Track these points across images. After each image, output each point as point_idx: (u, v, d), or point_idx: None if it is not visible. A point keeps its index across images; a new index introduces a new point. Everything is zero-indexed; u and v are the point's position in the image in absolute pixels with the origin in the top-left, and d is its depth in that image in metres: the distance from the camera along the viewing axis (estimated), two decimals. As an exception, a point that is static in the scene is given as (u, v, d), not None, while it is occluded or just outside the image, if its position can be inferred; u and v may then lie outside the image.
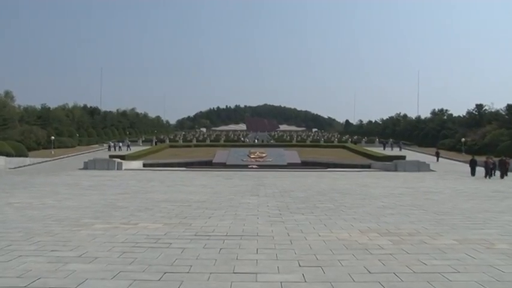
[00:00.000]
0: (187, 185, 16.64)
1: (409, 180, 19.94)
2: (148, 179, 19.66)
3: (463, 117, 67.19)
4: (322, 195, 13.06)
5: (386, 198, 12.30)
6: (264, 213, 9.25)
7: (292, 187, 16.02)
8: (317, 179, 20.87)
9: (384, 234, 6.92)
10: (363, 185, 16.97)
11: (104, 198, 11.89)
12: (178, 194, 13.17)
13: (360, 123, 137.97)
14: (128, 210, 9.61)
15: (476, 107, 64.04)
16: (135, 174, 23.76)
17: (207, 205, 10.59)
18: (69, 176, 20.94)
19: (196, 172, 26.51)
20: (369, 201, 11.57)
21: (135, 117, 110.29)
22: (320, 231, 7.16)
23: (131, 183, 17.25)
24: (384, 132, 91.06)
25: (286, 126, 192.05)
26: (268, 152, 39.38)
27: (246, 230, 7.29)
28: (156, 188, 15.44)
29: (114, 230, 7.11)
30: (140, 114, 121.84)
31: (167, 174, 24.12)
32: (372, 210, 9.88)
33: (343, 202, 11.36)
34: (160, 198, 12.11)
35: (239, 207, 10.21)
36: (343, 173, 26.48)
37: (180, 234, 6.84)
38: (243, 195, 13.16)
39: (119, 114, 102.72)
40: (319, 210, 9.84)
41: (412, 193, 13.90)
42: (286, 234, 6.96)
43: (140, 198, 11.93)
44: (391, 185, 17.10)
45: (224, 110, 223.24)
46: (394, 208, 10.21)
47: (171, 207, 10.18)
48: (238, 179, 20.58)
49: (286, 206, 10.48)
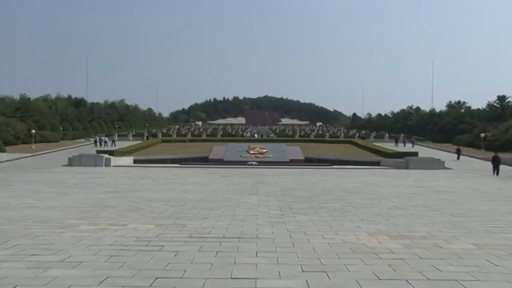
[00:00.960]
0: (182, 183, 16.62)
1: (422, 178, 19.93)
2: (139, 177, 19.65)
3: (482, 110, 66.88)
4: (327, 195, 13.05)
5: (397, 198, 12.29)
6: (264, 214, 9.24)
7: (295, 185, 16.01)
8: (322, 176, 20.86)
9: (394, 237, 6.91)
10: (372, 184, 16.97)
11: (91, 197, 11.87)
12: (172, 193, 13.15)
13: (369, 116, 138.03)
14: (116, 210, 9.60)
15: (498, 99, 62.94)
16: (125, 171, 23.74)
17: (203, 204, 10.58)
18: (52, 173, 20.91)
19: (191, 169, 26.50)
20: (378, 201, 11.56)
21: (124, 109, 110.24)
22: (325, 233, 7.15)
23: (120, 181, 17.23)
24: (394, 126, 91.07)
25: (288, 120, 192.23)
26: (268, 147, 39.34)
27: (245, 231, 7.27)
28: (147, 186, 15.42)
29: (101, 232, 7.09)
30: (130, 106, 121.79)
31: (160, 171, 24.10)
32: (381, 210, 9.87)
33: (350, 202, 11.35)
34: (152, 197, 12.10)
35: (237, 207, 10.20)
36: (349, 170, 26.46)
37: (173, 236, 6.82)
38: (241, 194, 13.15)
39: (107, 106, 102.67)
40: (323, 210, 9.83)
41: (425, 193, 13.89)
42: (288, 236, 6.95)
43: (130, 197, 11.91)
44: (402, 184, 17.10)
45: (221, 102, 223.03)
46: (406, 209, 10.20)
47: (164, 206, 10.16)
48: (237, 176, 20.58)
49: (288, 206, 10.48)
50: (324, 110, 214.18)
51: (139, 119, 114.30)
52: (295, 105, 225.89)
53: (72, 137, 59.61)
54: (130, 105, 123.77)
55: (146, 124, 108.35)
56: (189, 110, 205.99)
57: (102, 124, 79.77)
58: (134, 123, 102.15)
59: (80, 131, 65.62)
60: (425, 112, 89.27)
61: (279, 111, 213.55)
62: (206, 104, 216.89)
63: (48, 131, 53.28)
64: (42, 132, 50.54)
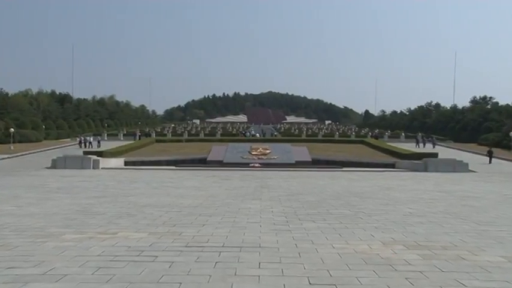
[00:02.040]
0: (177, 187, 16.66)
1: (443, 182, 19.87)
2: (130, 180, 19.67)
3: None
4: (337, 200, 13.03)
5: (414, 204, 12.25)
6: (268, 221, 9.22)
7: (301, 189, 16.01)
8: (331, 180, 20.83)
9: (411, 247, 6.87)
10: (386, 188, 16.93)
11: (77, 202, 11.89)
12: (167, 198, 13.16)
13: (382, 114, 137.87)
14: (105, 217, 9.60)
15: None
16: (115, 174, 23.78)
17: (201, 210, 10.58)
18: (33, 176, 20.96)
19: (187, 171, 26.52)
20: (393, 207, 11.52)
21: (114, 106, 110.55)
22: (334, 242, 7.12)
23: (110, 185, 17.26)
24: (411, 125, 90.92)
25: (294, 118, 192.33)
26: (272, 148, 39.34)
27: (247, 240, 7.26)
28: (139, 190, 15.45)
29: (88, 241, 7.09)
30: (121, 103, 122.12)
31: (153, 173, 24.12)
32: (396, 217, 9.84)
33: (362, 208, 11.33)
34: (144, 202, 12.11)
35: (238, 213, 10.19)
36: (361, 173, 26.41)
37: (168, 245, 6.81)
38: (243, 198, 13.16)
39: (95, 102, 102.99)
40: (333, 217, 9.81)
41: (446, 198, 13.84)
42: (293, 245, 6.93)
43: (121, 203, 11.93)
44: (421, 188, 17.06)
45: (221, 98, 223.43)
46: (424, 216, 10.16)
47: (158, 213, 10.16)
48: (238, 179, 20.58)
49: (294, 212, 10.47)
50: (333, 107, 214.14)
51: (131, 116, 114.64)
52: (301, 102, 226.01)
53: (56, 137, 59.70)
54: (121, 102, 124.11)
55: (138, 122, 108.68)
56: (185, 107, 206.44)
57: (90, 122, 80.00)
58: (125, 121, 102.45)
59: (65, 129, 65.69)
60: (446, 109, 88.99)
61: (283, 108, 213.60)
62: (204, 101, 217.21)
63: (28, 130, 53.31)
64: (22, 131, 50.61)
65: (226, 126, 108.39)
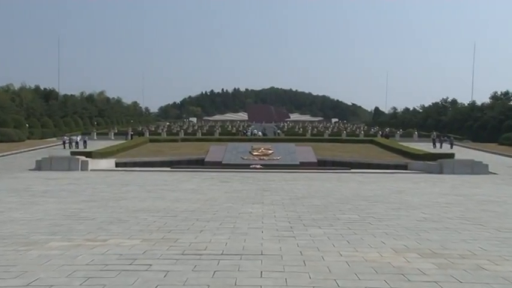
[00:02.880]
0: (173, 190, 16.69)
1: (460, 185, 19.85)
2: (122, 183, 19.69)
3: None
4: (345, 204, 13.04)
5: (428, 209, 12.24)
6: (271, 226, 9.22)
7: (306, 193, 16.03)
8: (338, 182, 20.83)
9: (426, 256, 6.86)
10: (398, 191, 16.93)
11: (64, 207, 11.90)
12: (161, 202, 13.18)
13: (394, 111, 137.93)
14: (95, 222, 9.60)
15: None
16: (105, 176, 23.79)
17: (198, 215, 10.59)
18: (15, 179, 20.98)
19: (184, 173, 26.53)
20: (406, 212, 11.52)
21: (105, 103, 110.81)
22: (342, 250, 7.12)
23: (100, 188, 17.29)
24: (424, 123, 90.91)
25: (298, 116, 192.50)
26: (275, 148, 39.37)
27: (248, 247, 7.26)
28: (132, 193, 15.47)
29: (76, 249, 7.09)
30: (112, 100, 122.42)
31: (147, 176, 24.13)
32: (409, 223, 9.83)
33: (372, 212, 11.33)
34: (137, 206, 12.12)
35: (238, 218, 10.19)
36: (371, 175, 26.38)
37: (162, 253, 6.81)
38: (243, 202, 13.17)
39: (83, 99, 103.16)
40: (340, 222, 9.81)
41: (463, 202, 13.83)
42: (298, 252, 6.92)
43: (111, 207, 11.94)
44: (435, 192, 17.05)
45: (219, 94, 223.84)
46: (440, 221, 10.15)
47: (152, 218, 10.17)
48: (238, 182, 20.60)
49: (299, 217, 10.47)
50: (340, 104, 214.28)
51: (123, 114, 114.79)
52: (306, 99, 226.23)
53: (41, 136, 59.69)
54: (112, 98, 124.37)
55: (131, 120, 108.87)
56: (181, 104, 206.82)
57: (78, 120, 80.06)
58: (116, 119, 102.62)
59: (51, 128, 65.68)
60: (464, 105, 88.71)
61: (287, 105, 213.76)
62: (201, 97, 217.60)
63: (10, 129, 53.28)
64: (2, 130, 50.62)
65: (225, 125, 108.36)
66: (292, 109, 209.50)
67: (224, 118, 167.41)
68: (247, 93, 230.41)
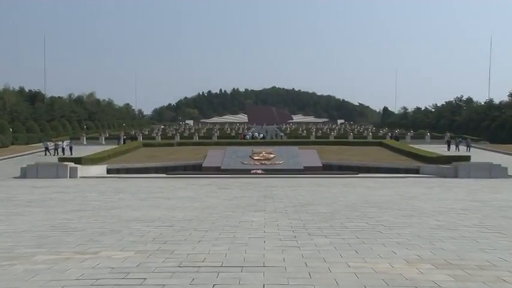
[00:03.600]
0: (169, 198, 16.70)
1: (477, 190, 19.83)
2: (114, 190, 19.67)
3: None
4: (353, 211, 13.03)
5: (443, 216, 12.22)
6: (273, 236, 9.20)
7: (311, 199, 16.04)
8: (345, 188, 20.80)
9: (441, 266, 6.83)
10: (409, 197, 16.92)
11: (51, 218, 11.89)
12: (156, 211, 13.18)
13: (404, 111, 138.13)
14: (85, 233, 9.59)
15: None
16: (96, 183, 23.80)
17: (196, 225, 10.58)
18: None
19: (180, 180, 26.54)
20: (418, 219, 11.50)
21: (95, 105, 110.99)
22: (350, 261, 7.10)
23: (90, 197, 17.29)
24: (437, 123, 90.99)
25: (301, 117, 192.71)
26: (277, 151, 39.41)
27: (249, 258, 7.24)
28: (125, 202, 15.47)
29: (64, 263, 7.06)
30: (102, 102, 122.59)
31: (140, 183, 24.13)
32: (422, 231, 9.80)
33: (382, 220, 11.31)
34: (130, 216, 12.12)
35: (239, 228, 10.18)
36: (380, 180, 26.38)
37: (158, 266, 6.79)
38: (244, 210, 13.18)
39: (71, 101, 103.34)
40: (348, 231, 9.79)
41: (481, 208, 13.80)
42: (303, 264, 6.90)
43: (103, 217, 11.94)
44: (450, 197, 17.03)
45: (217, 95, 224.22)
46: (455, 229, 10.11)
47: (146, 228, 10.16)
48: (238, 188, 20.59)
49: (303, 226, 10.46)
50: (346, 104, 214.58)
51: (114, 117, 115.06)
52: (310, 99, 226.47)
53: (26, 141, 59.74)
54: (103, 100, 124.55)
55: (123, 124, 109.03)
56: (176, 106, 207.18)
57: (66, 124, 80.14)
58: (107, 122, 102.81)
59: (37, 133, 65.74)
60: (480, 104, 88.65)
61: (289, 106, 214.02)
62: (198, 99, 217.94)
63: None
64: (-16, 135, 50.65)
65: (223, 128, 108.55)
66: (295, 110, 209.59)
67: (223, 120, 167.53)
68: (247, 93, 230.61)
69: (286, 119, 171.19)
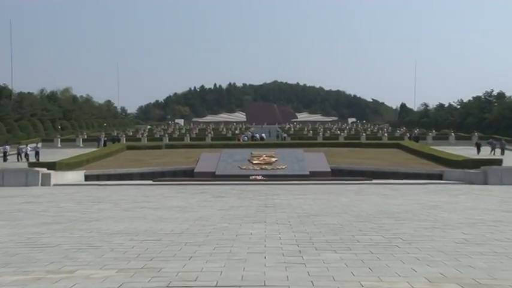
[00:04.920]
0: (156, 208, 16.72)
1: (510, 198, 19.81)
2: (93, 200, 19.66)
3: None
4: (365, 222, 13.04)
5: (470, 228, 12.21)
6: (275, 251, 9.19)
7: (318, 209, 16.07)
8: (356, 196, 20.81)
9: (468, 287, 6.81)
10: (431, 206, 16.92)
11: (19, 232, 11.84)
12: (142, 222, 13.19)
13: (425, 108, 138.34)
14: (59, 250, 9.55)
15: None
16: (73, 192, 23.77)
17: (187, 238, 10.56)
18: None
19: (169, 187, 26.53)
20: (442, 232, 11.49)
21: (71, 102, 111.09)
22: (363, 279, 7.07)
23: (65, 207, 17.28)
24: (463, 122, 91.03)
25: (307, 116, 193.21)
26: (280, 155, 39.43)
27: (247, 276, 7.22)
28: (106, 213, 15.47)
29: (35, 284, 7.03)
30: (80, 98, 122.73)
31: (124, 191, 24.11)
32: (446, 246, 9.77)
33: (399, 233, 11.31)
34: (112, 229, 12.11)
35: (236, 241, 10.16)
36: (397, 186, 26.37)
37: (143, 286, 6.77)
38: (241, 222, 13.18)
39: (43, 97, 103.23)
40: (360, 245, 9.77)
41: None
42: (309, 283, 6.89)
43: (80, 231, 11.92)
44: (479, 207, 17.02)
45: (212, 91, 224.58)
46: (485, 244, 10.09)
47: (130, 242, 10.14)
48: (235, 197, 20.60)
49: (309, 239, 10.45)
50: (358, 101, 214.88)
51: (93, 116, 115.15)
52: (317, 95, 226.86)
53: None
54: (80, 97, 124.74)
55: (104, 124, 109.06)
56: (165, 103, 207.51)
57: (37, 124, 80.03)
58: (86, 122, 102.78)
59: (3, 134, 65.64)
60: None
61: (293, 103, 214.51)
62: (189, 95, 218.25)
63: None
64: None
65: (218, 128, 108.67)
66: (300, 107, 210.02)
67: (217, 119, 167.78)
68: (245, 88, 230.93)
69: (290, 117, 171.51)
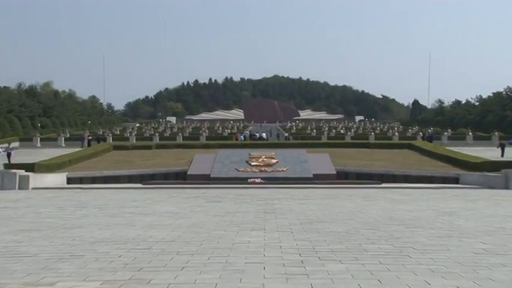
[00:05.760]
0: (145, 214, 16.73)
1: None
2: (76, 205, 19.65)
3: None
4: (374, 230, 13.05)
5: (489, 237, 12.21)
6: (275, 261, 9.18)
7: (322, 215, 16.08)
8: (364, 201, 20.82)
9: (486, 300, 6.81)
10: (446, 213, 16.94)
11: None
12: (129, 230, 13.19)
13: (439, 105, 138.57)
14: (38, 260, 9.53)
15: None
16: (53, 196, 23.74)
17: (179, 247, 10.56)
18: None
19: (159, 191, 26.53)
20: (458, 241, 11.49)
21: (52, 98, 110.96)
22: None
23: (45, 213, 17.28)
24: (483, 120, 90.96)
25: (310, 113, 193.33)
26: (280, 155, 39.43)
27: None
28: (90, 219, 15.45)
29: (12, 297, 7.03)
30: (62, 94, 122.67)
31: (110, 195, 24.09)
32: (463, 257, 9.77)
33: (411, 242, 11.31)
34: (97, 237, 12.10)
35: (233, 250, 10.16)
36: (409, 191, 26.38)
37: (130, 300, 6.76)
38: (239, 229, 13.20)
39: (21, 92, 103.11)
40: (368, 255, 9.77)
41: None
42: (313, 297, 6.88)
43: (61, 238, 11.91)
44: (499, 213, 17.04)
45: (206, 86, 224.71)
46: (506, 255, 10.08)
47: (116, 251, 10.13)
48: (232, 201, 20.61)
49: (313, 248, 10.46)
50: (366, 97, 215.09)
51: (77, 113, 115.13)
52: (321, 90, 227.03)
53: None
54: (62, 92, 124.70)
55: (88, 121, 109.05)
56: (155, 99, 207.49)
57: (14, 121, 79.93)
58: (68, 119, 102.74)
59: (-23, 133, 65.62)
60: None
61: (296, 99, 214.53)
62: (182, 90, 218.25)
63: None
64: None
65: (214, 126, 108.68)
66: (303, 104, 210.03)
67: (213, 117, 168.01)
68: (243, 83, 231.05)
69: (292, 115, 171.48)
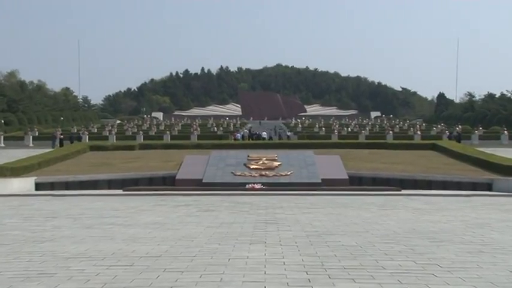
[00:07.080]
0: (127, 225, 16.73)
1: None
2: (46, 214, 19.65)
3: None
4: (392, 244, 13.06)
5: (527, 252, 12.19)
6: (278, 279, 9.19)
7: (332, 227, 16.10)
8: (381, 210, 20.85)
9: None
10: (477, 224, 16.95)
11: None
12: (109, 243, 13.18)
13: (469, 99, 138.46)
14: (2, 279, 9.52)
15: None
16: (19, 204, 23.74)
17: (167, 263, 10.57)
18: None
19: (143, 198, 26.49)
20: (492, 258, 11.49)
21: (17, 90, 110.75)
22: (391, 317, 7.08)
23: (10, 224, 17.29)
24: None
25: (319, 108, 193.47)
26: (284, 157, 39.39)
27: (243, 313, 7.22)
28: (62, 231, 15.45)
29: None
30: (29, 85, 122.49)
31: (86, 203, 24.06)
32: (498, 276, 9.76)
33: (436, 258, 11.31)
34: (71, 251, 12.09)
35: (228, 267, 10.16)
36: (434, 199, 26.35)
37: (109, 324, 6.76)
38: (235, 242, 13.19)
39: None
40: (386, 273, 9.78)
41: None
42: (322, 322, 6.88)
43: (29, 254, 11.91)
44: (540, 225, 17.06)
45: (198, 77, 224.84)
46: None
47: (93, 269, 10.12)
48: (227, 210, 20.62)
49: (321, 264, 10.46)
50: (383, 90, 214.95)
51: (47, 108, 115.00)
52: (330, 82, 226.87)
53: None
54: (30, 83, 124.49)
55: (60, 117, 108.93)
56: (139, 92, 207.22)
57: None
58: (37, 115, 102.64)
59: None
60: None
61: (302, 92, 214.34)
62: (170, 81, 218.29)
63: None
64: None
65: (207, 123, 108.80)
66: (310, 98, 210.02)
67: (205, 113, 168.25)
68: (240, 74, 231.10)
69: (297, 110, 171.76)
